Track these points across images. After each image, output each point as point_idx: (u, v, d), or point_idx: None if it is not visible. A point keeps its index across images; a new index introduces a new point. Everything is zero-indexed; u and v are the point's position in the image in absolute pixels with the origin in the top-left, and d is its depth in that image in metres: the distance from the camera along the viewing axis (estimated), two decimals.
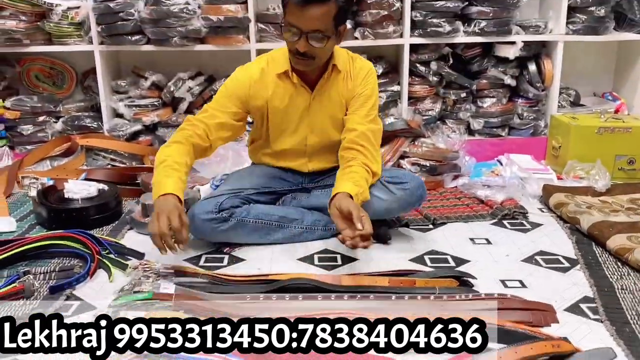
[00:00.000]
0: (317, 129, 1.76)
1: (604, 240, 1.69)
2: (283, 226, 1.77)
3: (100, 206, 1.88)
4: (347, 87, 1.71)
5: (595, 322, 1.32)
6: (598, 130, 2.36)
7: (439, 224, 1.95)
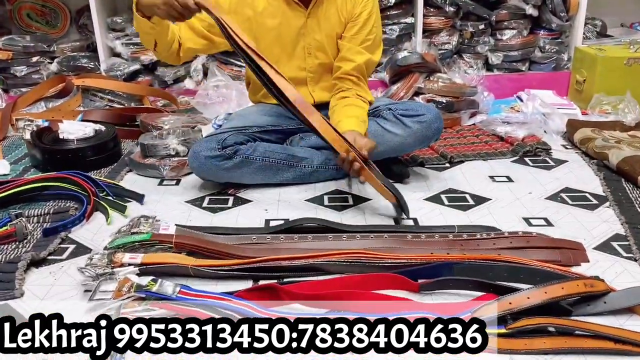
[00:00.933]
0: (316, 50, 1.64)
1: (635, 175, 1.57)
2: (292, 165, 1.66)
3: (97, 147, 1.78)
4: (347, 7, 1.60)
5: (629, 260, 1.22)
6: (627, 62, 2.20)
7: (456, 162, 1.84)
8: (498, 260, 1.16)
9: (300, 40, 1.61)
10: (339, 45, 1.63)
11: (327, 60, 1.66)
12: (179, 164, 1.70)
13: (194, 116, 2.07)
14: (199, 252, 1.22)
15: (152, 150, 1.72)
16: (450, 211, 1.48)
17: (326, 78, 1.69)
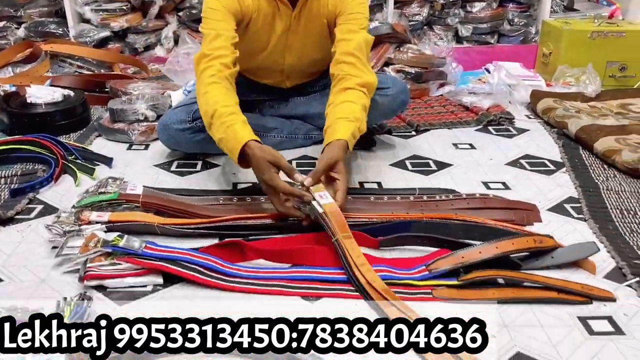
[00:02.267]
0: (295, 50, 1.58)
1: (591, 143, 1.63)
2: (261, 135, 1.65)
3: (66, 112, 1.77)
4: (329, 6, 1.50)
5: (579, 220, 1.29)
6: (591, 35, 2.26)
7: (422, 130, 1.88)
8: (454, 219, 1.22)
9: (282, 39, 1.54)
10: (334, 33, 1.50)
11: (306, 60, 1.61)
12: (148, 129, 1.71)
13: (165, 83, 2.07)
14: (165, 211, 1.24)
15: (121, 115, 1.72)
16: (414, 176, 1.53)
17: (302, 70, 1.65)
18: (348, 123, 1.30)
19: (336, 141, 1.26)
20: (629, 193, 1.40)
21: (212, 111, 1.28)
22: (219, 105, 1.28)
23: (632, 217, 1.28)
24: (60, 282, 1.04)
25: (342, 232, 1.08)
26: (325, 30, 1.56)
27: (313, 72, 1.68)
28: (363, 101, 1.37)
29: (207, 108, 1.30)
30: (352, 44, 1.42)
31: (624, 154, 1.51)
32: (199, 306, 0.97)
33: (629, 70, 2.28)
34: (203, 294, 1.01)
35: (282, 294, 1.01)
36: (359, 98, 1.36)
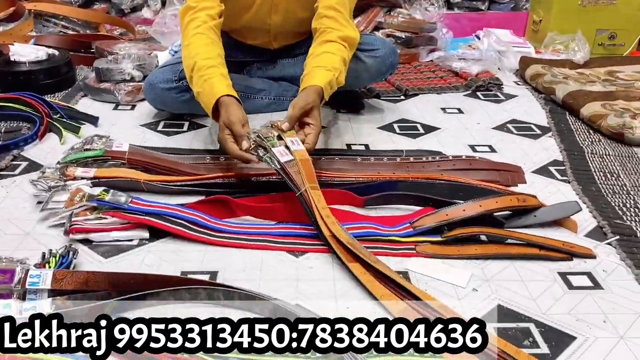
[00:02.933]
0: (281, 9, 1.54)
1: (578, 108, 1.64)
2: (249, 97, 1.66)
3: (51, 70, 1.75)
4: None
5: (563, 182, 1.30)
6: (581, 2, 2.25)
7: (411, 95, 1.88)
8: (440, 179, 1.23)
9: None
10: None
11: (293, 19, 1.57)
12: (134, 89, 1.69)
13: (151, 45, 2.04)
14: (151, 169, 1.24)
15: (106, 74, 1.70)
16: (401, 139, 1.53)
17: (289, 30, 1.62)
18: (325, 72, 1.28)
19: (311, 87, 1.24)
20: (613, 157, 1.41)
21: (192, 64, 1.27)
22: (200, 58, 1.26)
23: (615, 180, 1.29)
24: (46, 235, 1.04)
25: (309, 183, 1.06)
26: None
27: (300, 32, 1.65)
28: (343, 54, 1.35)
29: (188, 61, 1.29)
30: (333, 1, 1.39)
31: (610, 119, 1.52)
32: (186, 259, 0.98)
33: (618, 39, 2.28)
34: (189, 248, 1.02)
35: (268, 248, 1.02)
36: (339, 50, 1.34)
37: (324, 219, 1.01)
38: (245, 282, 0.92)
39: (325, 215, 1.02)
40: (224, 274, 0.95)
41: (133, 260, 0.98)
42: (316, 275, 0.96)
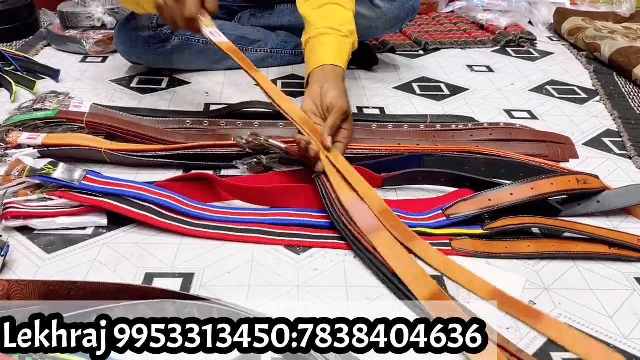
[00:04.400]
0: None
1: (630, 68, 1.39)
2: (242, 49, 1.39)
3: (7, 14, 1.48)
4: None
5: (622, 157, 1.07)
6: None
7: (431, 50, 1.62)
8: (475, 152, 0.99)
9: None
10: None
11: None
12: (106, 38, 1.43)
13: None
14: (116, 135, 0.99)
15: (73, 20, 1.43)
16: (423, 101, 1.29)
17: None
18: (342, 39, 1.01)
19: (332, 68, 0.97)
20: None
21: None
22: None
23: None
24: None
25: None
26: None
27: None
28: (353, 5, 1.08)
29: None
30: None
31: None
32: (153, 256, 0.75)
33: None
34: (158, 241, 0.79)
35: (261, 242, 0.79)
36: (349, 1, 1.07)
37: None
38: (231, 290, 0.69)
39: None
40: (202, 277, 0.72)
41: (84, 256, 0.75)
42: (325, 279, 0.73)
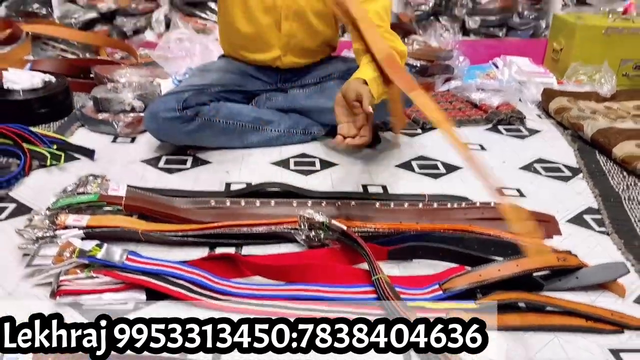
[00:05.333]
0: (293, 14, 1.50)
1: (610, 148, 1.53)
2: (258, 128, 1.56)
3: (46, 99, 1.64)
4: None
5: (602, 234, 1.18)
6: (605, 31, 2.15)
7: (428, 128, 1.77)
8: (469, 231, 1.11)
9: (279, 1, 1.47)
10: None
11: (306, 29, 1.52)
12: (135, 121, 1.58)
13: (154, 70, 1.94)
14: (150, 215, 1.12)
15: (105, 104, 1.59)
16: (422, 179, 1.42)
17: (300, 44, 1.55)
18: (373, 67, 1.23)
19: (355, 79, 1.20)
20: None
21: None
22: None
23: None
24: (30, 296, 0.92)
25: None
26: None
27: (312, 51, 1.57)
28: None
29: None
30: (374, 16, 1.32)
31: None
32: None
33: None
34: (191, 314, 0.89)
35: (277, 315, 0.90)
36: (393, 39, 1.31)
37: None
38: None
39: None
40: None
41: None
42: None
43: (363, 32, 1.24)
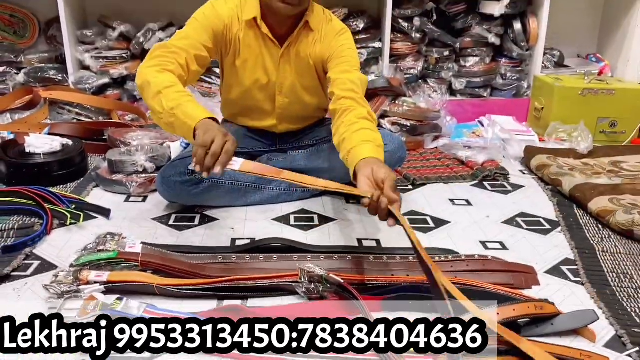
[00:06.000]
0: (286, 90, 1.64)
1: (585, 203, 1.65)
2: (260, 188, 1.69)
3: (64, 161, 1.77)
4: (316, 50, 1.57)
5: (576, 284, 1.29)
6: (582, 92, 2.32)
7: (419, 184, 1.90)
8: (455, 282, 1.22)
9: (272, 76, 1.61)
10: (327, 79, 1.56)
11: (298, 102, 1.67)
12: (147, 181, 1.71)
13: (162, 132, 2.08)
14: (164, 270, 1.24)
15: (119, 166, 1.72)
16: None
17: (294, 114, 1.70)
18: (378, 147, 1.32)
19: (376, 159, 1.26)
20: (624, 255, 1.41)
21: (168, 84, 1.34)
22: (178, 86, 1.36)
23: (629, 282, 1.28)
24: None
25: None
26: (314, 74, 1.62)
27: (305, 117, 1.72)
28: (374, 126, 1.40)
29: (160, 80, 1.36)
30: (348, 83, 1.47)
31: (618, 215, 1.53)
32: None
33: (619, 127, 2.34)
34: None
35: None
36: (374, 126, 1.40)
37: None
38: None
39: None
40: None
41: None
42: None
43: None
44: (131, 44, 2.51)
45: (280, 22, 1.55)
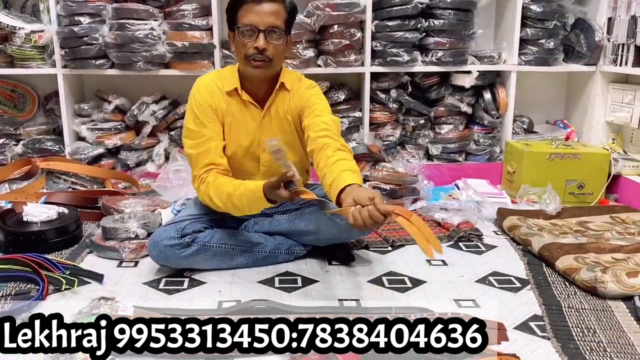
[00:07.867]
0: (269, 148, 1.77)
1: (553, 261, 1.76)
2: (246, 250, 1.78)
3: (60, 229, 1.86)
4: (291, 105, 1.73)
5: (543, 339, 1.37)
6: (549, 157, 2.47)
7: (398, 246, 2.00)
8: None
9: (256, 137, 1.74)
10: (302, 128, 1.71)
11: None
12: (138, 247, 1.80)
13: (154, 199, 2.19)
14: None
15: (113, 233, 1.82)
16: (391, 293, 1.62)
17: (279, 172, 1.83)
18: (355, 174, 1.47)
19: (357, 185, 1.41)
20: (588, 311, 1.50)
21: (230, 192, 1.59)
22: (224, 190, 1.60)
23: (592, 336, 1.37)
24: None
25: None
26: (294, 130, 1.76)
27: None
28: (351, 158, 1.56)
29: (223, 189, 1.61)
30: (321, 124, 1.62)
31: (582, 273, 1.64)
32: None
33: (586, 188, 2.47)
34: None
35: None
36: (349, 156, 1.56)
37: None
38: None
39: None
40: None
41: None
42: None
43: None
44: (125, 116, 2.65)
45: (257, 87, 1.72)
